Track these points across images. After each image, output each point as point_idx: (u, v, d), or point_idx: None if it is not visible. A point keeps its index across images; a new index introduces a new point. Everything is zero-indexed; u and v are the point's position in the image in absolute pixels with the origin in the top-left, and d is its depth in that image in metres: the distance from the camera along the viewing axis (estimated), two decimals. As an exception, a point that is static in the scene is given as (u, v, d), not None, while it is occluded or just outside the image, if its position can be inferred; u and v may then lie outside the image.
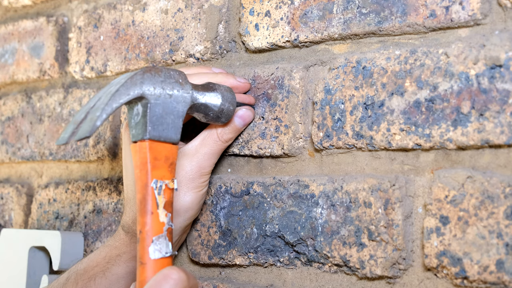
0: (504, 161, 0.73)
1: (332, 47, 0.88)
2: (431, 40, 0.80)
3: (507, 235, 0.71)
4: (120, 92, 0.76)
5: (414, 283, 0.78)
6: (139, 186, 0.77)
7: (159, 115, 0.79)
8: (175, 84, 0.80)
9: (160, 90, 0.79)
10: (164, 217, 0.76)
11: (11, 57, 1.29)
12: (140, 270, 0.75)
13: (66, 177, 1.19)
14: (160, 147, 0.78)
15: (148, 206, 0.76)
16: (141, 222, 0.76)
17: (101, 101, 0.75)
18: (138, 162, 0.78)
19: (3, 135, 1.28)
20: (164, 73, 0.80)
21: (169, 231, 0.76)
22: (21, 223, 1.24)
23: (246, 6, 0.95)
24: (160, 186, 0.77)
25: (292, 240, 0.86)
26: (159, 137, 0.78)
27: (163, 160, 0.78)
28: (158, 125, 0.78)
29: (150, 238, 0.75)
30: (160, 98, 0.79)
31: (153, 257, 0.75)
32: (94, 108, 0.75)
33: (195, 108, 0.84)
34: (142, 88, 0.78)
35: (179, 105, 0.80)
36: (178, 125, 0.80)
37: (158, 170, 0.77)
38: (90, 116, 0.74)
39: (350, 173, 0.85)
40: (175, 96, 0.80)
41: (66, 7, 1.23)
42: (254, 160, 0.93)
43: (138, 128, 0.78)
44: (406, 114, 0.79)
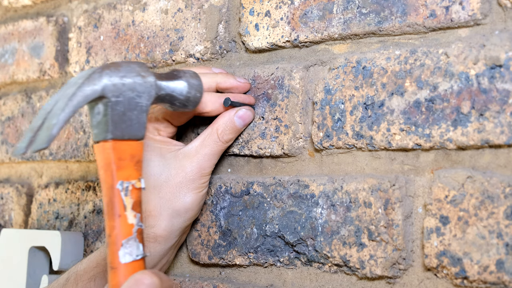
0: (504, 161, 0.73)
1: (332, 47, 0.88)
2: (431, 40, 0.80)
3: (507, 235, 0.71)
4: (77, 95, 0.72)
5: (414, 283, 0.78)
6: (104, 188, 0.75)
7: (121, 112, 0.75)
8: (136, 78, 0.77)
9: (121, 86, 0.75)
10: (133, 218, 0.74)
11: (11, 57, 1.29)
12: (111, 275, 0.73)
13: (66, 177, 1.19)
14: (124, 145, 0.75)
15: (115, 209, 0.73)
16: (110, 226, 0.74)
17: (58, 105, 0.72)
18: (102, 163, 0.75)
19: (3, 135, 1.28)
20: (124, 68, 0.76)
21: (139, 232, 0.74)
22: (21, 223, 1.24)
23: (246, 6, 0.95)
24: (127, 187, 0.74)
25: (292, 240, 0.86)
26: (123, 135, 0.75)
27: (129, 159, 0.75)
28: (121, 123, 0.75)
29: (120, 242, 0.73)
30: (122, 95, 0.75)
31: (124, 261, 0.72)
32: (51, 113, 0.72)
33: (159, 99, 0.81)
34: (100, 87, 0.74)
35: (142, 99, 0.77)
36: (143, 120, 0.77)
37: (124, 170, 0.74)
38: (47, 124, 0.71)
39: (350, 173, 0.85)
40: (137, 90, 0.76)
41: (66, 7, 1.23)
42: (254, 160, 0.93)
43: (100, 128, 0.75)
44: (406, 114, 0.79)
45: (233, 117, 0.90)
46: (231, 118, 0.90)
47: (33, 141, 0.71)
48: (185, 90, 0.83)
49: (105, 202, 0.75)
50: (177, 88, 0.82)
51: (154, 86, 0.78)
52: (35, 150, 0.70)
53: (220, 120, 0.90)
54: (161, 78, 0.81)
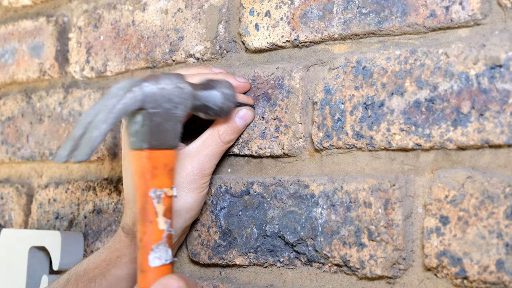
0: (504, 161, 0.73)
1: (332, 47, 0.88)
2: (431, 40, 0.80)
3: (507, 235, 0.71)
4: (117, 107, 0.75)
5: (414, 283, 0.78)
6: (138, 195, 0.78)
7: (158, 123, 0.78)
8: (174, 89, 0.79)
9: (159, 98, 0.78)
10: (164, 224, 0.77)
11: (11, 57, 1.29)
12: (140, 278, 0.76)
13: (66, 177, 1.19)
14: (159, 155, 0.78)
15: (147, 215, 0.76)
16: (141, 231, 0.77)
17: (99, 117, 0.74)
18: (137, 171, 0.78)
19: (3, 135, 1.28)
20: (163, 80, 0.79)
21: (168, 237, 0.77)
22: (21, 223, 1.24)
23: (246, 6, 0.95)
24: (159, 195, 0.77)
25: (292, 240, 0.86)
26: (158, 145, 0.78)
27: (162, 167, 0.78)
28: (157, 134, 0.78)
29: (150, 246, 0.76)
30: (159, 107, 0.78)
31: (153, 265, 0.76)
32: (92, 125, 0.74)
33: (195, 108, 0.84)
34: (140, 99, 0.77)
35: (178, 110, 0.80)
36: (177, 130, 0.80)
37: (157, 178, 0.77)
38: (88, 135, 0.74)
39: (350, 173, 0.85)
40: (175, 102, 0.79)
41: (66, 7, 1.23)
42: (254, 160, 0.93)
43: (137, 137, 0.78)
44: (406, 114, 0.79)
45: (234, 117, 0.90)
46: (232, 118, 0.90)
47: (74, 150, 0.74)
48: (219, 100, 0.85)
49: (138, 208, 0.77)
50: (211, 98, 0.85)
51: (190, 97, 0.81)
52: (76, 161, 0.73)
53: (220, 121, 0.90)
54: (197, 88, 0.83)
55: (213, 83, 0.86)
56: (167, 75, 0.80)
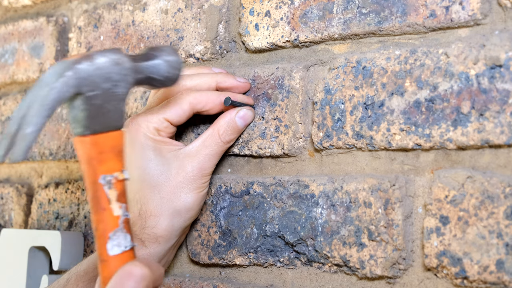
0: (504, 161, 0.73)
1: (332, 47, 0.88)
2: (431, 40, 0.80)
3: (507, 235, 0.71)
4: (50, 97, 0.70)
5: (414, 283, 0.78)
6: (87, 183, 0.74)
7: (99, 105, 0.72)
8: (112, 67, 0.73)
9: (96, 79, 0.72)
10: (119, 210, 0.73)
11: (11, 57, 1.29)
12: (101, 268, 0.73)
13: (66, 177, 1.19)
14: (104, 138, 0.73)
15: (100, 203, 0.73)
16: (96, 220, 0.73)
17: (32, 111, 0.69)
18: (83, 158, 0.73)
19: (3, 135, 1.28)
20: (98, 58, 0.73)
21: (125, 221, 0.73)
22: (21, 223, 1.24)
23: (246, 6, 0.95)
24: (109, 180, 0.73)
25: (292, 240, 0.86)
26: (101, 128, 0.73)
27: (109, 151, 0.73)
28: (99, 117, 0.72)
29: (107, 235, 0.72)
30: (98, 88, 0.72)
31: (112, 253, 0.72)
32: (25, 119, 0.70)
33: (138, 82, 0.78)
34: (75, 85, 0.71)
35: (119, 88, 0.74)
36: (121, 109, 0.74)
37: (105, 163, 0.73)
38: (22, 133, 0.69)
39: (350, 173, 0.85)
40: (114, 80, 0.73)
41: (66, 7, 1.23)
42: (254, 160, 0.93)
43: (78, 123, 0.73)
44: (406, 114, 0.79)
45: (234, 117, 0.90)
46: (232, 118, 0.90)
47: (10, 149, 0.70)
48: (163, 69, 0.80)
49: (89, 197, 0.74)
50: (154, 69, 0.79)
51: (131, 71, 0.76)
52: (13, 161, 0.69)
53: (221, 121, 0.90)
54: (138, 60, 0.78)
55: (154, 52, 0.80)
56: (102, 52, 0.74)
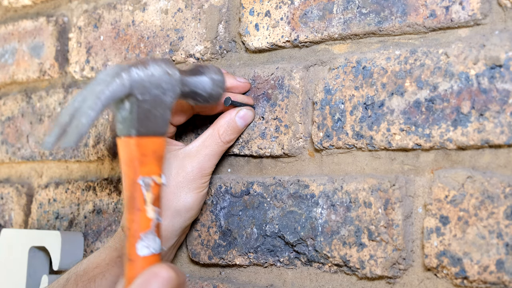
0: (504, 161, 0.73)
1: (332, 47, 0.88)
2: (431, 40, 0.80)
3: (507, 235, 0.71)
4: (105, 93, 0.74)
5: (414, 283, 0.78)
6: (126, 183, 0.76)
7: (147, 110, 0.76)
8: (163, 75, 0.78)
9: (148, 85, 0.77)
10: (152, 213, 0.75)
11: (11, 57, 1.29)
12: (128, 267, 0.74)
13: (66, 177, 1.19)
14: (148, 142, 0.76)
15: (136, 203, 0.75)
16: (129, 219, 0.75)
17: (87, 104, 0.73)
18: (125, 158, 0.76)
19: (3, 135, 1.28)
20: (151, 66, 0.77)
21: (157, 226, 0.75)
22: (21, 223, 1.24)
23: (246, 6, 0.95)
24: (148, 182, 0.75)
25: (292, 240, 0.86)
26: (147, 132, 0.76)
27: (151, 155, 0.76)
28: (146, 120, 0.76)
29: (138, 235, 0.74)
30: (148, 93, 0.77)
31: (141, 254, 0.74)
32: (79, 111, 0.73)
33: (184, 95, 0.83)
34: (129, 85, 0.75)
35: (167, 97, 0.78)
36: (167, 117, 0.78)
37: (146, 166, 0.76)
38: (76, 122, 0.72)
39: (350, 173, 0.85)
40: (163, 88, 0.78)
41: (66, 7, 1.23)
42: (254, 160, 0.93)
43: (125, 124, 0.76)
44: (406, 114, 0.79)
45: (234, 117, 0.90)
46: (233, 118, 0.90)
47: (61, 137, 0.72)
48: (208, 86, 0.84)
49: (126, 196, 0.76)
50: (200, 84, 0.84)
51: (179, 83, 0.80)
52: (64, 147, 0.72)
53: (221, 121, 0.90)
54: (186, 74, 0.82)
55: (201, 69, 0.85)
56: (155, 60, 0.79)
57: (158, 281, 0.70)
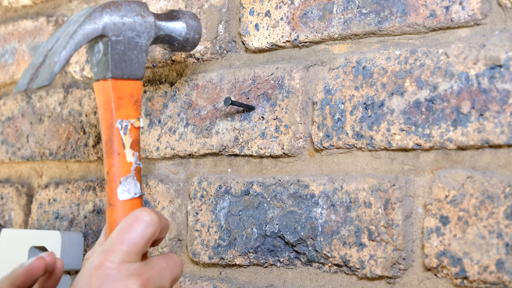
0: (504, 161, 0.73)
1: (332, 47, 0.88)
2: (431, 40, 0.80)
3: (507, 235, 0.71)
4: (78, 33, 0.73)
5: (414, 283, 0.78)
6: (104, 127, 0.75)
7: (122, 52, 0.76)
8: (136, 17, 0.77)
9: (121, 25, 0.76)
10: (131, 157, 0.75)
11: (11, 57, 1.29)
12: (109, 212, 0.74)
13: (66, 177, 1.19)
14: (124, 85, 0.76)
15: (114, 147, 0.74)
16: (108, 164, 0.75)
17: (59, 43, 0.72)
18: (102, 101, 0.76)
19: (3, 135, 1.28)
20: (124, 7, 0.77)
21: (137, 170, 0.75)
22: (21, 223, 1.24)
23: (246, 6, 0.95)
24: (126, 125, 0.75)
25: (292, 240, 0.86)
26: (122, 75, 0.76)
27: (128, 98, 0.76)
28: (121, 63, 0.76)
29: (118, 179, 0.74)
30: (122, 34, 0.76)
31: (122, 198, 0.73)
32: (52, 51, 0.72)
33: (159, 39, 0.82)
34: (101, 26, 0.74)
35: (142, 39, 0.78)
36: (142, 60, 0.78)
37: (123, 109, 0.75)
38: (48, 62, 0.72)
39: (350, 173, 0.85)
40: (137, 30, 0.77)
41: (66, 7, 1.23)
42: (254, 160, 0.93)
43: (100, 67, 0.76)
44: (406, 114, 0.79)
45: None
46: None
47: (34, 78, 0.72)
48: (184, 31, 0.84)
49: (104, 141, 0.75)
50: (176, 28, 0.83)
51: (154, 26, 0.79)
52: (37, 87, 0.71)
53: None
54: (161, 18, 0.82)
55: (177, 14, 0.84)
56: (128, 2, 0.78)
57: (140, 225, 0.70)
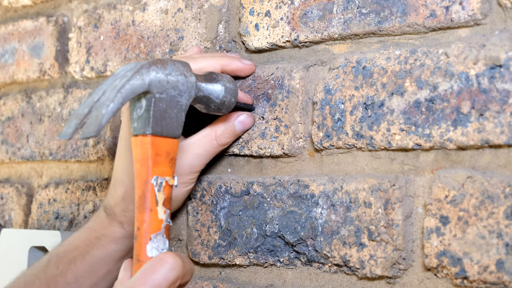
0: (504, 161, 0.73)
1: (332, 47, 0.88)
2: (431, 40, 0.80)
3: (507, 235, 0.71)
4: (125, 87, 0.74)
5: (414, 283, 0.78)
6: (138, 182, 0.76)
7: (163, 109, 0.77)
8: (180, 77, 0.79)
9: (165, 83, 0.77)
10: (163, 214, 0.76)
11: (11, 57, 1.29)
12: (136, 268, 0.75)
13: (66, 177, 1.19)
14: (162, 142, 0.77)
15: (147, 203, 0.75)
16: (140, 219, 0.75)
17: (106, 96, 0.74)
18: (139, 157, 0.77)
19: (3, 135, 1.28)
20: (170, 66, 0.78)
21: (167, 228, 0.76)
22: (21, 223, 1.24)
23: (246, 6, 0.95)
24: (161, 182, 0.76)
25: (292, 240, 0.86)
26: (162, 132, 0.77)
27: (164, 155, 0.77)
28: (161, 120, 0.77)
29: (148, 236, 0.75)
30: (165, 92, 0.77)
31: (151, 255, 0.74)
32: (98, 103, 0.73)
33: (197, 100, 0.83)
34: (148, 82, 0.76)
35: (183, 98, 0.79)
36: (181, 119, 0.79)
37: (159, 166, 0.76)
38: (95, 113, 0.72)
39: (350, 173, 0.85)
40: (180, 89, 0.79)
41: (66, 7, 1.23)
42: (254, 160, 0.93)
43: (141, 122, 0.77)
44: (406, 114, 0.79)
45: (234, 121, 0.90)
46: (232, 122, 0.90)
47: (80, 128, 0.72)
48: (222, 94, 0.85)
49: (138, 196, 0.76)
50: (214, 91, 0.84)
51: (194, 87, 0.81)
52: (83, 137, 0.72)
53: (220, 122, 0.90)
54: (200, 79, 0.83)
55: (216, 76, 0.86)
56: (173, 61, 0.79)
57: (164, 267, 0.71)
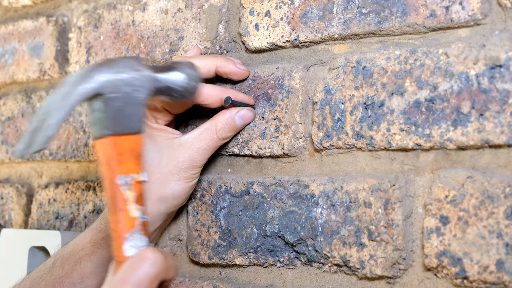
0: (504, 161, 0.73)
1: (332, 47, 0.88)
2: (431, 40, 0.80)
3: (507, 235, 0.71)
4: (72, 94, 0.74)
5: (414, 283, 0.78)
6: (106, 184, 0.76)
7: (119, 108, 0.76)
8: (132, 72, 0.78)
9: (117, 82, 0.76)
10: (136, 211, 0.75)
11: (11, 57, 1.29)
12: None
13: (66, 177, 1.19)
14: (123, 140, 0.76)
15: (117, 204, 0.75)
16: (113, 220, 0.75)
17: (54, 105, 0.73)
18: (103, 159, 0.76)
19: (3, 135, 1.28)
20: (119, 64, 0.78)
21: (143, 224, 0.75)
22: (21, 223, 1.24)
23: (246, 6, 0.95)
24: (128, 181, 0.75)
25: (292, 240, 0.86)
26: (121, 131, 0.76)
27: (128, 153, 0.76)
28: (119, 118, 0.76)
29: (124, 236, 0.74)
30: (118, 91, 0.76)
31: (129, 254, 0.74)
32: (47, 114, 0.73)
33: (158, 91, 0.83)
34: (96, 85, 0.75)
35: (139, 93, 0.78)
36: (140, 113, 0.78)
37: (124, 165, 0.76)
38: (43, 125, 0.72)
39: (350, 173, 0.85)
40: (134, 85, 0.78)
41: (66, 7, 1.23)
42: (254, 160, 0.93)
43: (99, 124, 0.76)
44: (406, 114, 0.79)
45: (234, 115, 0.91)
46: (232, 116, 0.91)
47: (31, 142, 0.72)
48: (182, 81, 0.84)
49: (108, 198, 0.76)
50: (174, 79, 0.84)
51: (151, 79, 0.80)
52: (33, 151, 0.72)
53: (220, 117, 0.91)
54: (158, 70, 0.82)
55: (174, 65, 0.85)
56: (123, 58, 0.79)
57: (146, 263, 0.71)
